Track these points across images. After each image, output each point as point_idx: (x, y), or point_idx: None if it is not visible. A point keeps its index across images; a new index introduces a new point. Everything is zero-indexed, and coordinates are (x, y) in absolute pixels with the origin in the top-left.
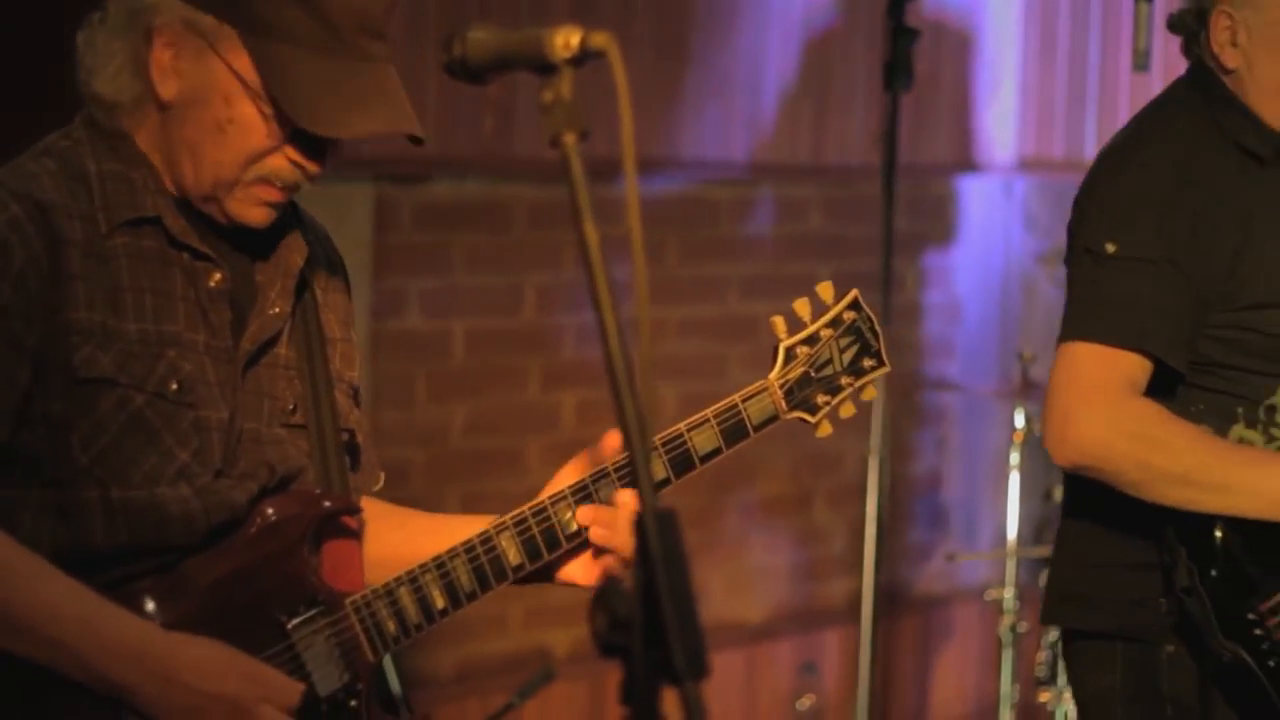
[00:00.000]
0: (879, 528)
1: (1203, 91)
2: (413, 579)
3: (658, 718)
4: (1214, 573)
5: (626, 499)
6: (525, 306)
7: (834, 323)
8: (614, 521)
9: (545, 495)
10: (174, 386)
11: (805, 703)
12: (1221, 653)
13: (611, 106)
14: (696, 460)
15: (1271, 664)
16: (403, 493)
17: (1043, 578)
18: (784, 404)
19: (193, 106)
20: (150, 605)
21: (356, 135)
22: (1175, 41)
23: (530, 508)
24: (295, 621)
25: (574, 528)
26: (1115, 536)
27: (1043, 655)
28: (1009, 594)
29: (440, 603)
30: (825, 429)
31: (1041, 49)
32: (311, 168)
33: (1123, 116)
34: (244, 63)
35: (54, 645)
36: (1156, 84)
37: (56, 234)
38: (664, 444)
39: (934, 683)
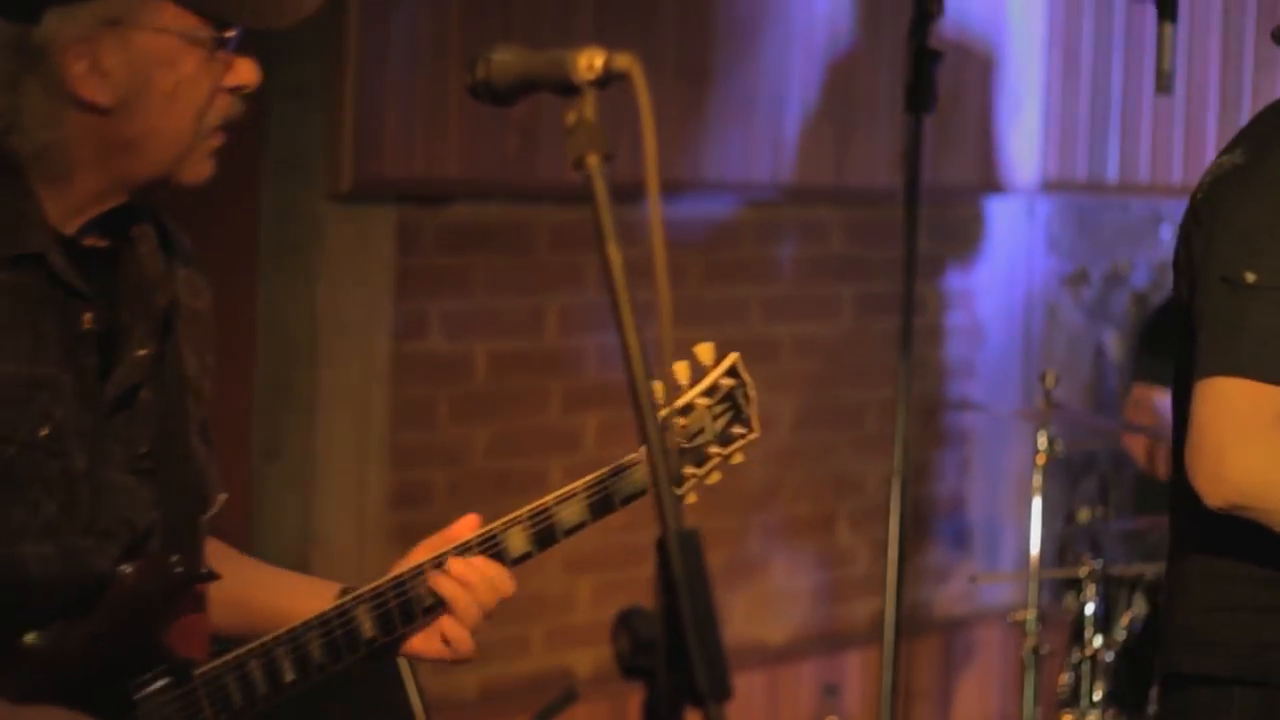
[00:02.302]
0: (901, 549)
1: None
2: (265, 651)
3: None
4: None
5: (479, 563)
6: (547, 328)
7: (710, 391)
8: (471, 580)
9: (404, 569)
10: (44, 433)
11: None
12: None
13: (634, 128)
14: (560, 534)
15: None
16: (425, 514)
17: (1068, 599)
18: None
19: (140, 95)
20: None
21: (287, 24)
22: (1200, 63)
23: (390, 581)
24: (142, 693)
25: (430, 602)
26: (1241, 578)
27: (1065, 677)
28: (1031, 616)
29: (290, 675)
30: (691, 499)
31: (1064, 70)
32: (253, 79)
33: (1146, 138)
34: (169, 11)
35: None
36: (1180, 105)
37: None
38: (530, 517)
39: (956, 704)
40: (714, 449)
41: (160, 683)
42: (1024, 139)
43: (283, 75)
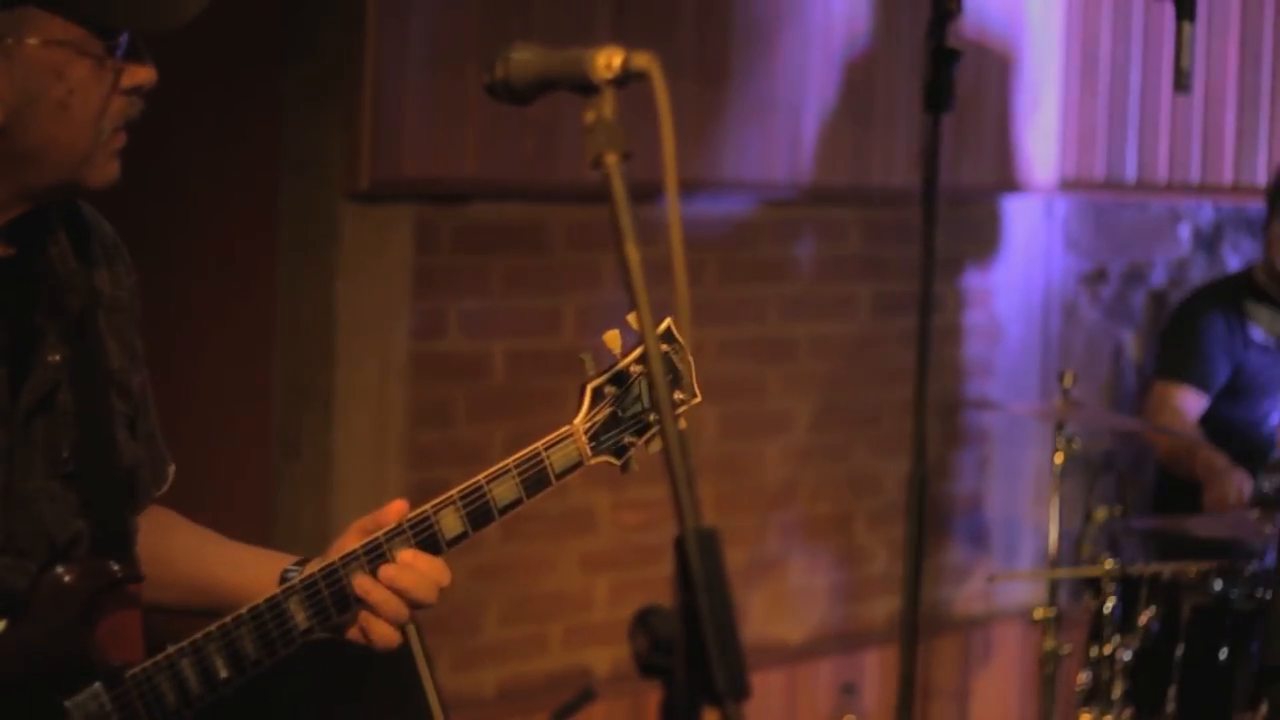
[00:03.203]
0: (919, 548)
1: None
2: (196, 649)
3: None
4: None
5: (410, 558)
6: (565, 327)
7: (644, 357)
8: (404, 584)
9: (335, 556)
10: None
11: None
12: None
13: (652, 128)
14: (495, 513)
15: None
16: None
17: (1086, 598)
18: (589, 450)
19: (29, 108)
20: None
21: (171, 27)
22: (1218, 62)
23: (321, 570)
24: (73, 700)
25: None
26: None
27: (1083, 676)
28: (1050, 615)
29: (224, 673)
30: (633, 468)
31: (1083, 69)
32: (149, 79)
33: (1164, 137)
34: (55, 23)
35: None
36: (1198, 104)
37: None
38: (462, 497)
39: (974, 703)
40: (653, 417)
41: (90, 688)
42: (1042, 138)
43: (301, 75)
